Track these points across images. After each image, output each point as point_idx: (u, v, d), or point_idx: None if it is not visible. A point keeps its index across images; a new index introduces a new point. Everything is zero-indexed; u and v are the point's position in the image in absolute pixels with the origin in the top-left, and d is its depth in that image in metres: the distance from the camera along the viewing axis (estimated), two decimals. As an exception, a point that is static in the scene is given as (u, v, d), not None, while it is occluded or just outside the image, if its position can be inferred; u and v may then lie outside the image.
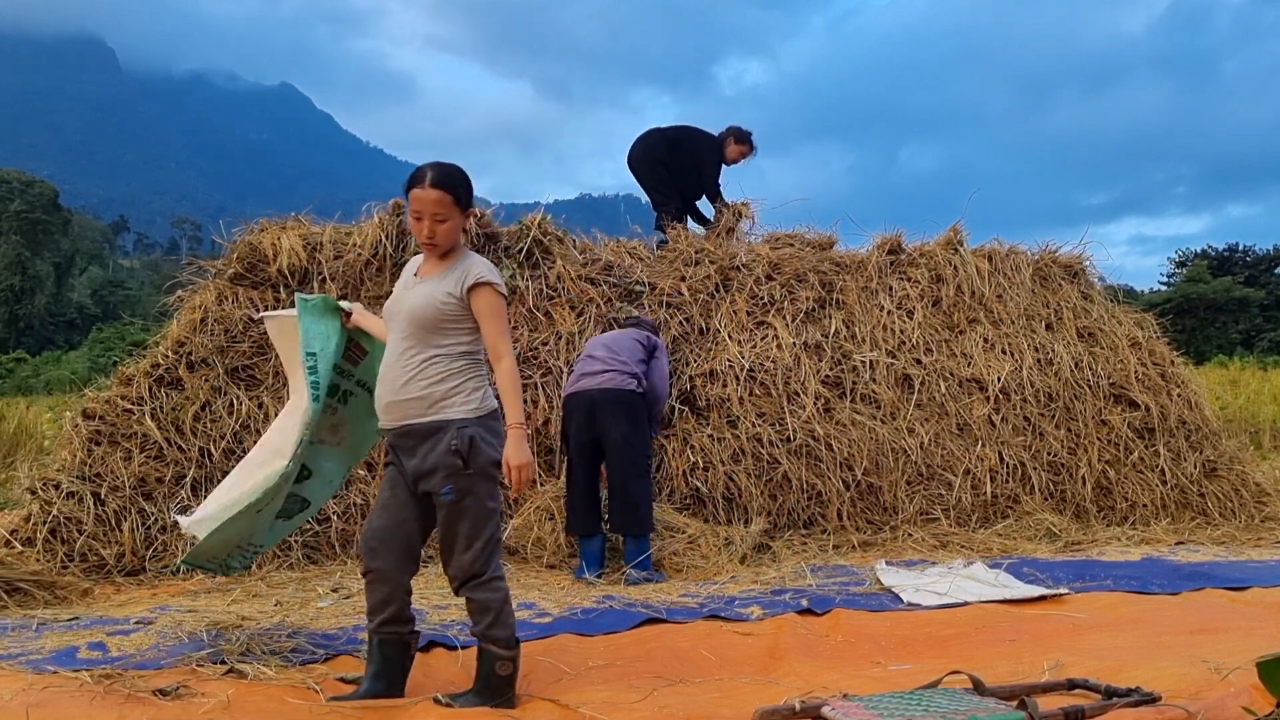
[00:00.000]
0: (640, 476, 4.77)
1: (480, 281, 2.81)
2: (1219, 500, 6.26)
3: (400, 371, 2.82)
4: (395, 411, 2.84)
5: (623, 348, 5.05)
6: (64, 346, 41.74)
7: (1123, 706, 2.52)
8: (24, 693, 2.78)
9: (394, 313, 2.87)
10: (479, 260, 2.88)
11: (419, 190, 2.78)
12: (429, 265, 2.90)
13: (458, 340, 2.83)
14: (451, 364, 2.82)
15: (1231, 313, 32.24)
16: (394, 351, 2.85)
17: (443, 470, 2.77)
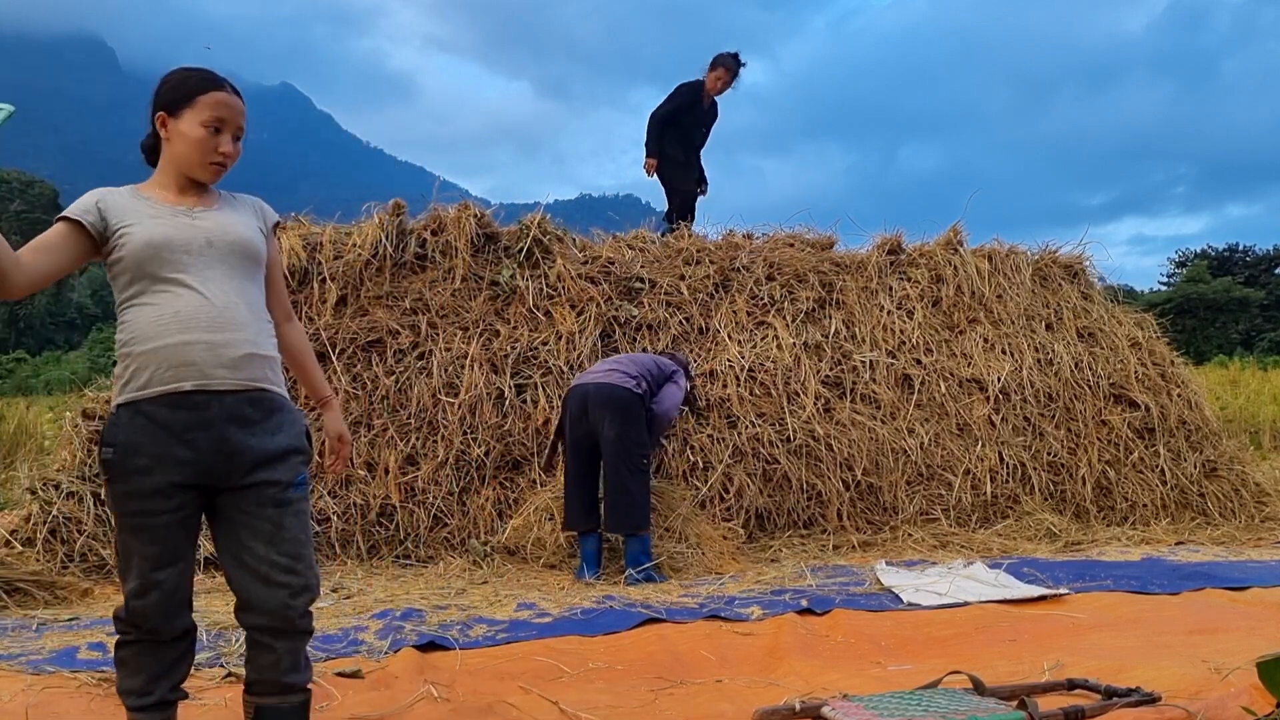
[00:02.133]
0: (637, 474, 4.75)
1: (276, 221, 2.39)
2: (1219, 500, 6.26)
3: (249, 316, 2.16)
4: (250, 368, 2.13)
5: (638, 360, 5.06)
6: (64, 346, 41.75)
7: (1123, 706, 2.52)
8: (24, 693, 2.78)
9: (184, 245, 2.12)
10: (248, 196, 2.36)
11: (225, 95, 2.19)
12: (191, 195, 2.21)
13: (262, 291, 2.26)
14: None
15: (1231, 313, 32.26)
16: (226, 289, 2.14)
17: (297, 456, 2.19)
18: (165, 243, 2.11)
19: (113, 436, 2.08)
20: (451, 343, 5.71)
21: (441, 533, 5.23)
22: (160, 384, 2.07)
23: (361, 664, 3.17)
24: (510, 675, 3.09)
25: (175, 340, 2.07)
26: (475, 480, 5.38)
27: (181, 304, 2.10)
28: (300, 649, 2.18)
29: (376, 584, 4.57)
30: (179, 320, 2.08)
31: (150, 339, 2.08)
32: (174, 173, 2.22)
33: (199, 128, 2.16)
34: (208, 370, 2.08)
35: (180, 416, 2.06)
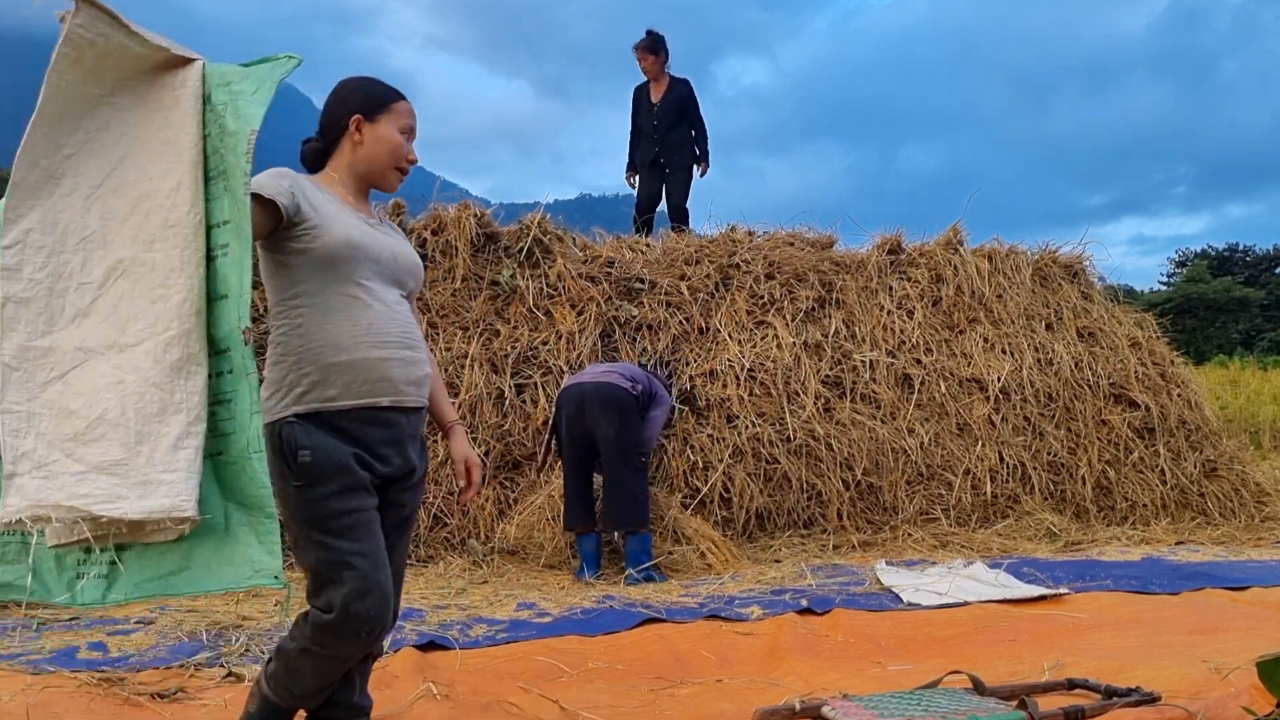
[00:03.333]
0: (635, 472, 4.75)
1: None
2: (1219, 500, 6.26)
3: (415, 335, 2.15)
4: (425, 388, 2.16)
5: (630, 368, 5.08)
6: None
7: (1123, 706, 2.52)
8: (24, 693, 2.78)
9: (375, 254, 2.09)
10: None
11: (411, 106, 2.20)
12: (364, 205, 2.19)
13: None
14: None
15: (1231, 313, 32.25)
16: (390, 303, 2.10)
17: (422, 471, 2.23)
18: (363, 246, 2.06)
19: (305, 440, 1.96)
20: (451, 342, 5.71)
21: (441, 533, 5.23)
22: (354, 398, 2.00)
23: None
24: (510, 675, 3.09)
25: (373, 355, 2.01)
26: (475, 480, 5.37)
27: (373, 316, 2.04)
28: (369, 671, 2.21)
29: (376, 584, 4.56)
30: (373, 333, 2.02)
31: (343, 349, 1.99)
32: (355, 176, 2.17)
33: (396, 133, 2.15)
34: (401, 387, 2.07)
35: (373, 432, 2.03)
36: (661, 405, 5.10)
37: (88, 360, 1.71)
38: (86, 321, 1.72)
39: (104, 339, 1.72)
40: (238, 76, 1.85)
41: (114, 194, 1.77)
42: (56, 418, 1.68)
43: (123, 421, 1.68)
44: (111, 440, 1.67)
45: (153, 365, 1.71)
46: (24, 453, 1.65)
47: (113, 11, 1.74)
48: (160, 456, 1.68)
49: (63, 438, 1.67)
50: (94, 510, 1.64)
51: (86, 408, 1.68)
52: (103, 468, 1.66)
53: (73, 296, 1.74)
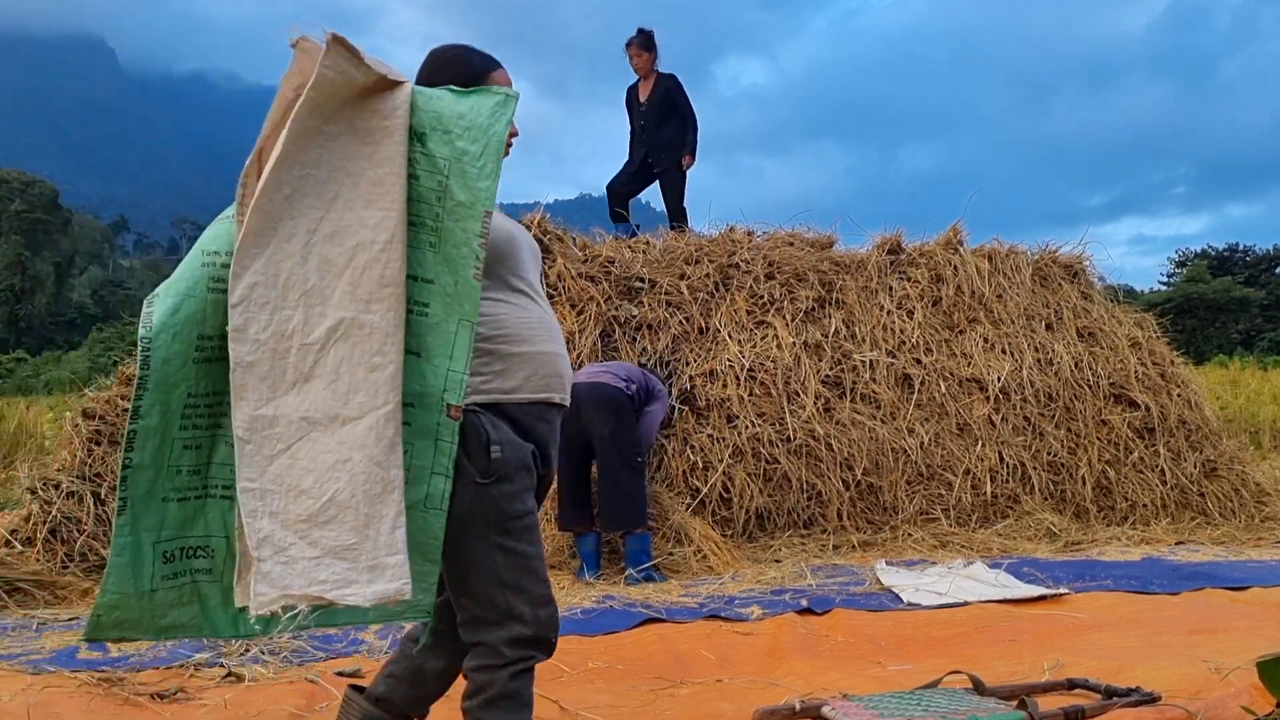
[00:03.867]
0: (631, 471, 4.75)
1: None
2: (1219, 500, 6.26)
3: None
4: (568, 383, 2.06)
5: (626, 367, 5.08)
6: (64, 346, 41.75)
7: (1123, 706, 2.52)
8: (24, 693, 2.78)
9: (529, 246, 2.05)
10: None
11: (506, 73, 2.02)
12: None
13: None
14: None
15: (1231, 313, 32.26)
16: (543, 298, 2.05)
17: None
18: (518, 239, 1.96)
19: (494, 434, 1.84)
20: (451, 343, 5.71)
21: (441, 533, 5.23)
22: (532, 391, 1.91)
23: (361, 663, 3.18)
24: (510, 675, 3.09)
25: (550, 349, 1.94)
26: (475, 480, 5.37)
27: (540, 312, 1.96)
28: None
29: (376, 584, 4.56)
30: (544, 327, 1.94)
31: (524, 341, 1.90)
32: None
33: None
34: (566, 384, 2.01)
35: (542, 429, 1.95)
36: (659, 400, 5.10)
37: (311, 432, 1.62)
38: (307, 387, 1.63)
39: (327, 410, 1.63)
40: (456, 122, 1.72)
41: (330, 241, 1.66)
42: (287, 496, 1.60)
43: (352, 504, 1.60)
44: (343, 524, 1.60)
45: (375, 443, 1.63)
46: (264, 536, 1.58)
47: (355, 49, 1.67)
48: (384, 539, 1.62)
49: (296, 519, 1.60)
50: (330, 597, 1.58)
51: (317, 487, 1.61)
52: (336, 552, 1.60)
53: (294, 358, 1.63)
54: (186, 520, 1.79)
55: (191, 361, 1.71)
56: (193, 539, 1.80)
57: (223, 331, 1.65)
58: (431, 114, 1.73)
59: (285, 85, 1.72)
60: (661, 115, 7.12)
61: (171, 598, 1.78)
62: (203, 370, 1.72)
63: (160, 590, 1.76)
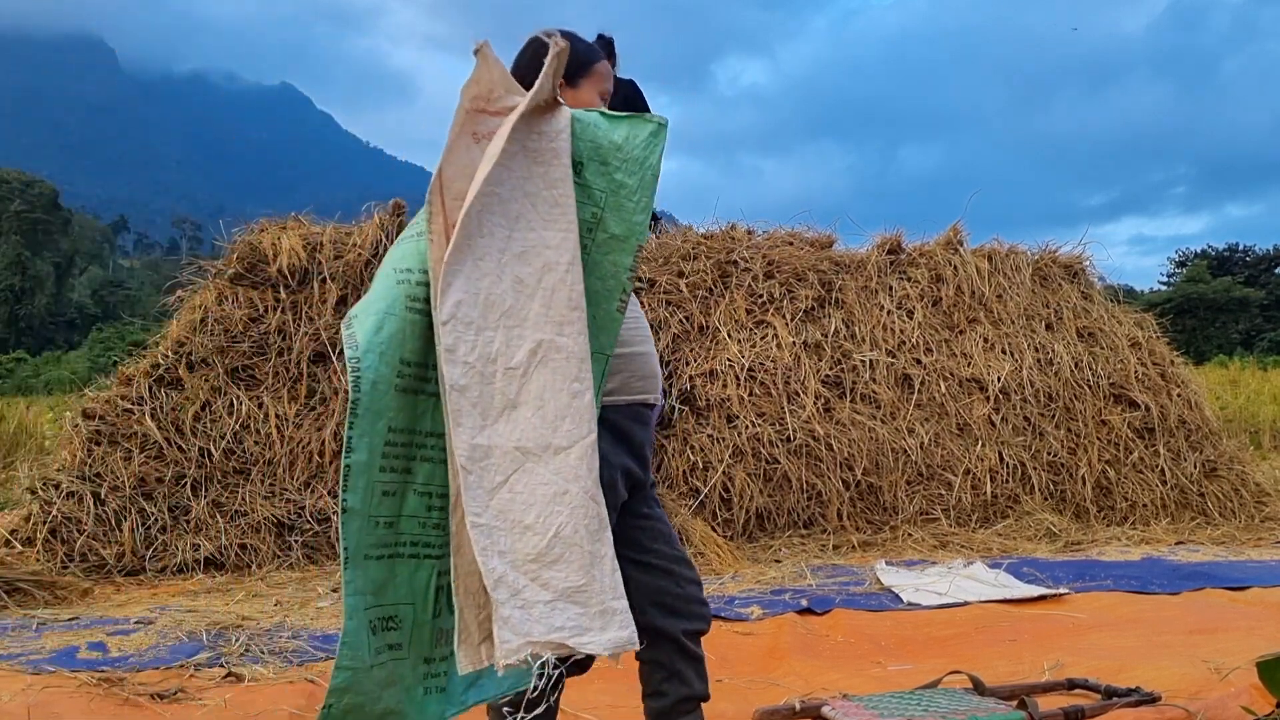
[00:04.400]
0: None
1: None
2: (1219, 500, 6.26)
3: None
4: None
5: None
6: (64, 346, 41.75)
7: (1123, 706, 2.52)
8: (24, 693, 2.78)
9: None
10: None
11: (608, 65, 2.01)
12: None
13: None
14: None
15: (1231, 313, 32.26)
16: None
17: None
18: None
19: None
20: (451, 343, 5.71)
21: (441, 533, 5.23)
22: (630, 393, 1.85)
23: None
24: (510, 675, 3.09)
25: (645, 349, 1.88)
26: (475, 480, 5.38)
27: (634, 310, 1.88)
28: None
29: (376, 584, 4.56)
30: (638, 326, 1.86)
31: (622, 343, 1.82)
32: None
33: (598, 99, 1.93)
34: (660, 384, 1.94)
35: (637, 431, 1.88)
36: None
37: (526, 463, 1.52)
38: (515, 415, 1.53)
39: (538, 439, 1.53)
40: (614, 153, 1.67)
41: (520, 260, 1.59)
42: (512, 533, 1.49)
43: (576, 541, 1.50)
44: (570, 563, 1.49)
45: (587, 474, 1.54)
46: (499, 578, 1.46)
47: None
48: (608, 580, 1.51)
49: (525, 558, 1.48)
50: (569, 644, 1.45)
51: (540, 522, 1.49)
52: (568, 595, 1.48)
53: (500, 383, 1.53)
54: (382, 584, 1.56)
55: (394, 389, 1.53)
56: (387, 606, 1.58)
57: (420, 358, 1.54)
58: (589, 143, 1.68)
59: (464, 95, 1.62)
60: None
61: (381, 676, 1.55)
62: (401, 401, 1.54)
63: (375, 667, 1.54)
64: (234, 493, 5.14)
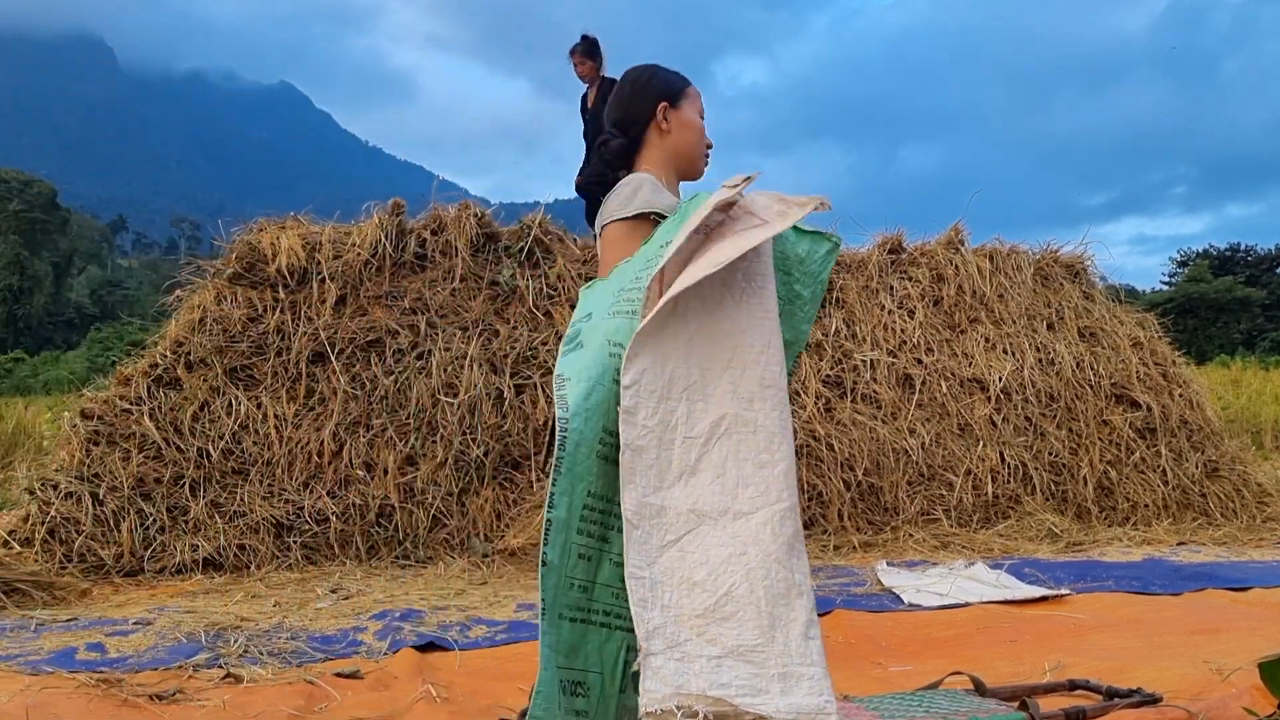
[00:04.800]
0: None
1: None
2: (1220, 500, 6.25)
3: None
4: None
5: None
6: (62, 346, 41.73)
7: (1124, 707, 2.51)
8: (22, 693, 2.77)
9: None
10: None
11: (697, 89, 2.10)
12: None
13: None
14: None
15: (1233, 312, 32.25)
16: None
17: None
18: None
19: None
20: (451, 343, 5.70)
21: (441, 533, 5.23)
22: None
23: (361, 665, 3.17)
24: (509, 676, 3.08)
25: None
26: (474, 481, 5.37)
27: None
28: None
29: (375, 585, 4.56)
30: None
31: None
32: (670, 168, 2.02)
33: (698, 117, 2.05)
34: None
35: None
36: None
37: (701, 525, 1.57)
38: (694, 480, 1.60)
39: (716, 503, 1.59)
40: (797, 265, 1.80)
41: (709, 342, 1.65)
42: (679, 589, 1.53)
43: (752, 601, 1.54)
44: (744, 621, 1.54)
45: (771, 539, 1.58)
46: (655, 627, 1.50)
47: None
48: (795, 645, 1.57)
49: (691, 614, 1.52)
50: (737, 702, 1.48)
51: (711, 580, 1.54)
52: (739, 653, 1.52)
53: (679, 450, 1.61)
54: (574, 647, 1.60)
55: (596, 455, 1.61)
56: (577, 671, 1.60)
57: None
58: (777, 253, 1.77)
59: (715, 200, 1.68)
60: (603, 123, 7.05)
61: None
62: (600, 468, 1.62)
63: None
64: (232, 493, 5.13)
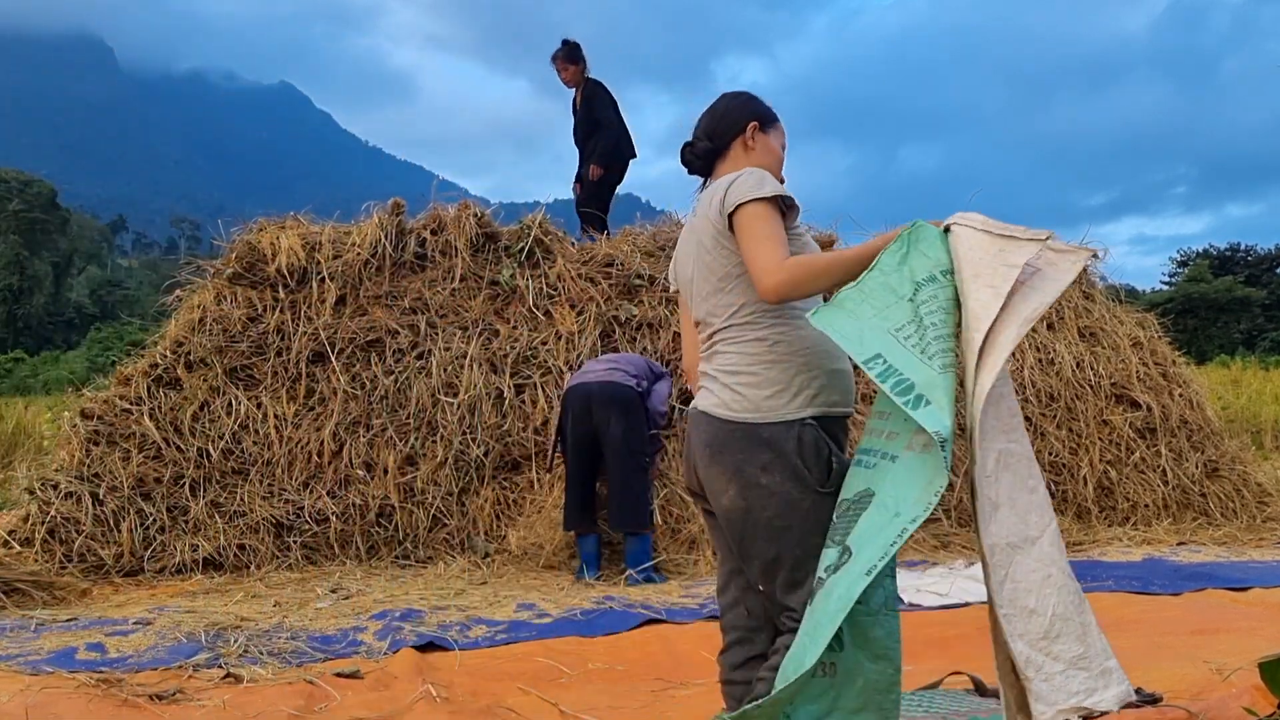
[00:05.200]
0: (639, 472, 4.76)
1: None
2: (1220, 500, 6.25)
3: None
4: None
5: (632, 359, 5.09)
6: (62, 346, 41.73)
7: (1124, 707, 2.50)
8: (22, 693, 2.77)
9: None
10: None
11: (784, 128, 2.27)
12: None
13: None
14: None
15: (1233, 312, 32.25)
16: None
17: None
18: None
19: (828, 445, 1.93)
20: (451, 342, 5.70)
21: (441, 533, 5.22)
22: (844, 405, 2.02)
23: (361, 664, 3.17)
24: (510, 676, 3.08)
25: (847, 366, 2.03)
26: (474, 481, 5.37)
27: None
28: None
29: (376, 584, 4.56)
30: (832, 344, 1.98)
31: (832, 357, 1.99)
32: None
33: (780, 149, 2.21)
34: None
35: (842, 441, 2.03)
36: (664, 379, 5.11)
37: (1015, 556, 1.75)
38: (999, 514, 1.76)
39: (1018, 532, 1.76)
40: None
41: (985, 372, 1.76)
42: (1022, 617, 1.73)
43: (1067, 615, 1.74)
44: (1069, 635, 1.73)
45: (1060, 555, 1.76)
46: (1026, 659, 1.71)
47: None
48: (1100, 644, 1.75)
49: (1036, 637, 1.73)
50: (1088, 704, 1.70)
51: (1040, 604, 1.73)
52: (1074, 663, 1.72)
53: (987, 490, 1.76)
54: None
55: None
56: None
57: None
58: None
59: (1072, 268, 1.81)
60: (588, 125, 6.99)
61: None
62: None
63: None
64: (232, 493, 5.13)
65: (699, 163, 2.19)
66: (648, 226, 6.77)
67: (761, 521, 1.90)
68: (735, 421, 1.93)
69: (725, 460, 1.93)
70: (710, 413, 1.97)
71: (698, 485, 2.04)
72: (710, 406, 1.98)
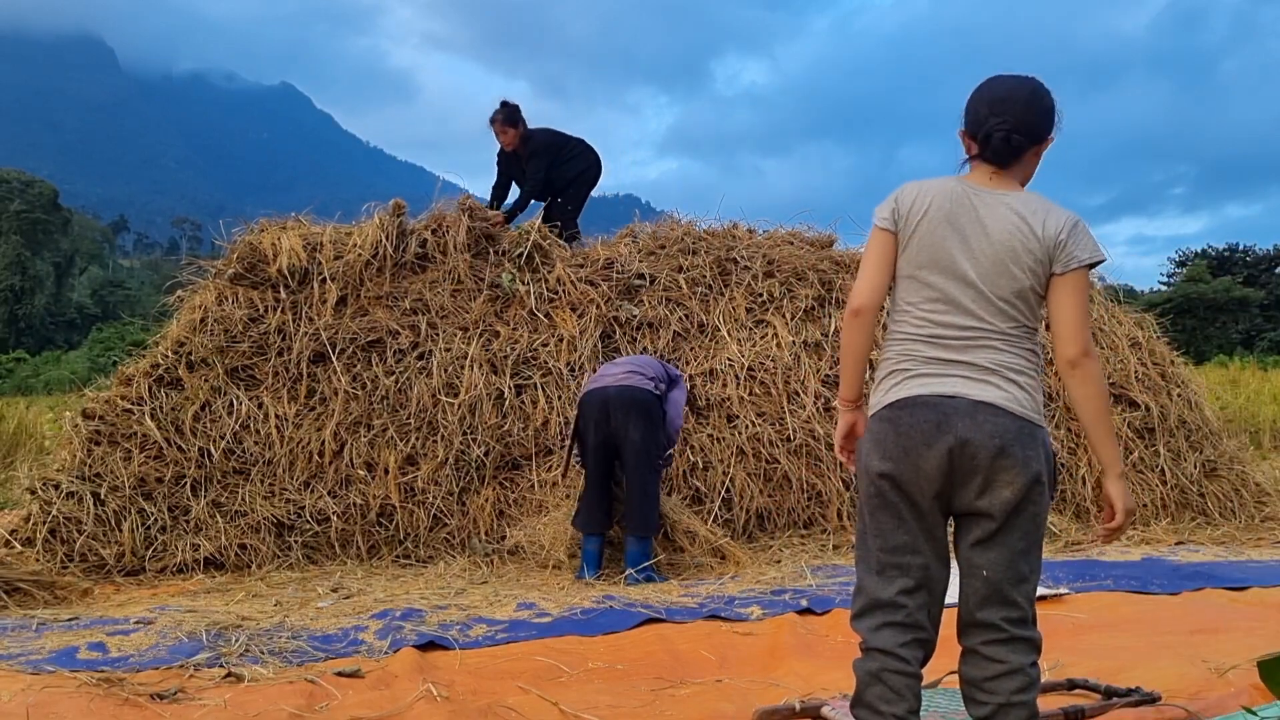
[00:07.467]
0: (655, 475, 4.77)
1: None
2: (1219, 500, 6.25)
3: None
4: None
5: (645, 362, 5.07)
6: (64, 346, 41.74)
7: (1123, 706, 2.52)
8: (23, 693, 2.78)
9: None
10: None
11: None
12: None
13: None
14: None
15: (1231, 312, 32.25)
16: None
17: None
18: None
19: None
20: (451, 343, 5.71)
21: (441, 533, 5.23)
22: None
23: (361, 664, 3.18)
24: (510, 675, 3.09)
25: None
26: (475, 481, 5.38)
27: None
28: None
29: (376, 584, 4.57)
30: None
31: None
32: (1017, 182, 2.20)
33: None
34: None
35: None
36: (679, 388, 5.11)
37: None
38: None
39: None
40: None
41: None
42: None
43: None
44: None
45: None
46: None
47: None
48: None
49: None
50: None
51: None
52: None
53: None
54: None
55: None
56: None
57: None
58: None
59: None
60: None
61: None
62: None
63: None
64: (234, 493, 5.14)
65: (1008, 155, 2.09)
66: (647, 226, 6.78)
67: (1028, 515, 2.00)
68: (1025, 419, 2.01)
69: (1016, 453, 1.98)
70: (1001, 405, 2.00)
71: (937, 472, 2.02)
72: (999, 400, 2.00)
